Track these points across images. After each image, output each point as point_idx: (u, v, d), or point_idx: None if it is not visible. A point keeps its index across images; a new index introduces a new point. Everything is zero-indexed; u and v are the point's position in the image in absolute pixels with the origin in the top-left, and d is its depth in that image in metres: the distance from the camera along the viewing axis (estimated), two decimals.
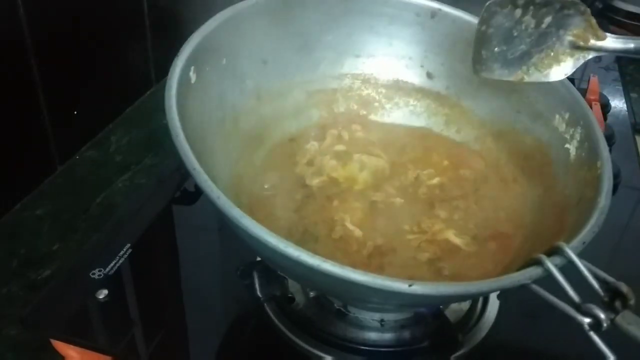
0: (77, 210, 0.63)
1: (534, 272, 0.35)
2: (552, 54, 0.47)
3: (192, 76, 0.45)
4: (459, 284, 0.34)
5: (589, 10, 0.45)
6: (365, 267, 0.43)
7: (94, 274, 0.49)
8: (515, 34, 0.47)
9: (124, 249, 0.52)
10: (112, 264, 0.50)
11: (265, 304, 0.48)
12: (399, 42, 0.56)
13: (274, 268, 0.44)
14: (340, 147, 0.52)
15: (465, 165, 0.50)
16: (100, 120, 0.74)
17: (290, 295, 0.49)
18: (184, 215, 0.60)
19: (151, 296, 0.50)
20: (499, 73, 0.48)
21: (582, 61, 0.46)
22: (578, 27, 0.46)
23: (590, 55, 0.46)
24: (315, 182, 0.49)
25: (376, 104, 0.57)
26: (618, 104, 0.87)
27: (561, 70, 0.47)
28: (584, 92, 0.80)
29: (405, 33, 0.55)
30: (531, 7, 0.46)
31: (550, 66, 0.47)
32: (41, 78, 0.62)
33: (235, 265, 0.50)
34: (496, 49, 0.48)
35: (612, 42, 0.45)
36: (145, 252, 0.52)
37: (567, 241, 0.38)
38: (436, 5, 0.53)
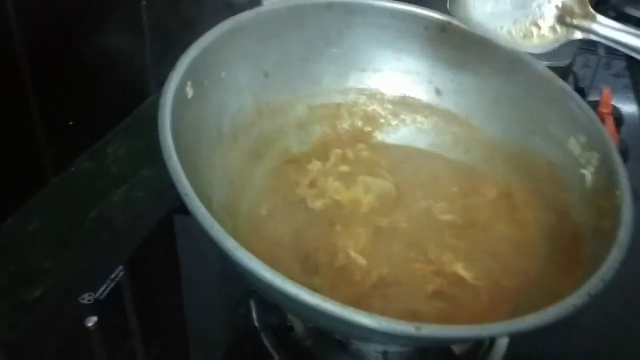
0: (70, 225, 0.61)
1: (550, 313, 0.33)
2: (534, 23, 0.44)
3: (189, 91, 0.43)
4: (470, 327, 0.32)
5: None
6: (369, 298, 0.40)
7: (83, 298, 0.47)
8: None
9: (116, 271, 0.49)
10: (103, 288, 0.48)
11: (262, 333, 0.46)
12: (406, 56, 0.53)
13: (272, 301, 0.42)
14: (344, 168, 0.49)
15: (476, 192, 0.48)
16: (97, 131, 0.72)
17: (288, 324, 0.47)
18: (184, 225, 0.57)
19: (143, 323, 0.48)
20: (475, 23, 0.45)
21: (563, 40, 0.43)
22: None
23: (575, 35, 0.42)
24: (317, 204, 0.47)
25: (382, 120, 0.54)
26: (628, 110, 0.84)
27: (540, 44, 0.44)
28: (595, 105, 0.78)
29: (413, 47, 0.53)
30: None
31: (529, 36, 0.44)
32: (34, 87, 0.60)
33: (234, 287, 0.48)
34: None
35: (602, 27, 0.41)
36: (138, 274, 0.50)
37: (583, 276, 0.36)
38: (446, 18, 0.51)
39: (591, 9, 0.42)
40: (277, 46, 0.49)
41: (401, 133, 0.54)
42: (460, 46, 0.51)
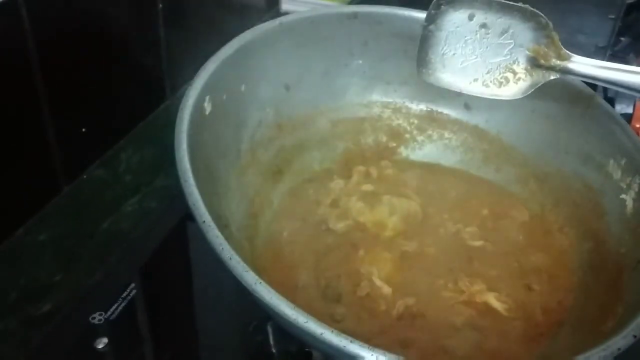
0: (81, 237, 0.59)
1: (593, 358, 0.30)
2: (508, 69, 0.42)
3: (207, 106, 0.41)
4: None
5: (551, 24, 0.40)
6: (395, 330, 0.38)
7: (94, 318, 0.45)
8: (469, 41, 0.42)
9: (128, 289, 0.47)
10: (114, 307, 0.46)
11: None
12: None
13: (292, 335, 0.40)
14: (368, 187, 0.47)
15: (507, 215, 0.46)
16: (111, 137, 0.70)
17: (306, 350, 0.45)
18: (198, 234, 0.56)
19: (155, 346, 0.46)
20: (447, 82, 0.43)
21: (541, 82, 0.41)
22: (539, 42, 0.40)
23: (552, 76, 0.41)
24: (339, 226, 0.44)
25: (407, 135, 0.52)
26: None
27: (517, 89, 0.42)
28: (629, 119, 0.75)
29: None
30: (487, 14, 0.40)
31: (505, 83, 0.42)
32: (47, 93, 0.58)
33: (251, 306, 0.46)
34: (445, 54, 0.42)
35: (578, 64, 0.40)
36: (150, 293, 0.48)
37: (626, 312, 0.33)
38: None
39: (564, 49, 0.40)
40: (299, 58, 0.48)
41: (427, 149, 0.52)
42: None
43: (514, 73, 0.41)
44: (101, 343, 0.43)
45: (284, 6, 0.82)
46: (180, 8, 0.75)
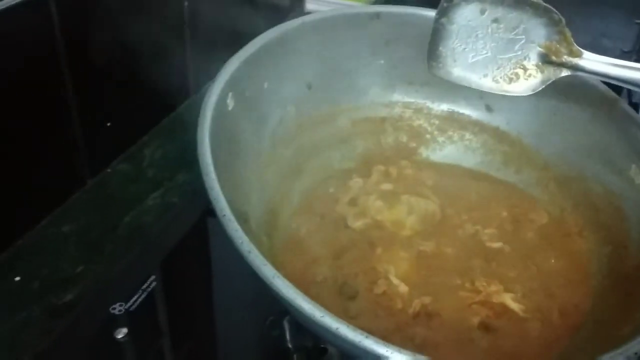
0: (104, 229, 0.60)
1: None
2: (519, 65, 0.41)
3: (230, 102, 0.41)
4: None
5: (563, 20, 0.40)
6: (410, 329, 0.38)
7: (114, 308, 0.46)
8: (480, 35, 0.41)
9: (148, 281, 0.48)
10: (134, 298, 0.47)
11: (295, 355, 0.44)
12: None
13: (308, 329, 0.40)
14: (387, 186, 0.47)
15: (526, 218, 0.46)
16: (135, 132, 0.71)
17: (322, 346, 0.45)
18: (219, 229, 0.56)
19: (173, 337, 0.46)
20: (457, 76, 0.43)
21: (552, 79, 0.41)
22: (550, 38, 0.40)
23: (563, 73, 0.40)
24: (357, 224, 0.45)
25: (428, 136, 0.52)
26: None
27: (527, 85, 0.41)
28: None
29: None
30: (499, 9, 0.40)
31: (515, 79, 0.42)
32: (74, 88, 0.59)
33: (269, 300, 0.46)
34: (456, 48, 0.42)
35: (589, 62, 0.39)
36: (170, 285, 0.49)
37: None
38: None
39: (576, 46, 0.40)
40: (322, 57, 0.48)
41: (447, 150, 0.52)
42: None
43: (525, 69, 0.41)
44: (121, 333, 0.44)
45: (308, 6, 0.82)
46: (206, 6, 0.76)
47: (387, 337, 0.29)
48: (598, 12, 0.83)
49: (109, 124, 0.65)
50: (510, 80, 0.42)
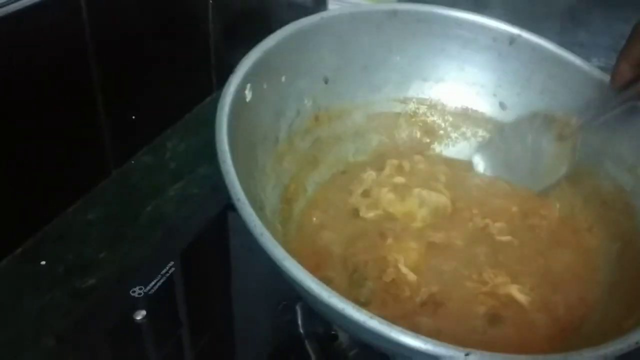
0: (127, 218, 0.62)
1: (611, 349, 0.31)
2: (546, 160, 0.47)
3: (248, 94, 0.42)
4: (523, 358, 0.30)
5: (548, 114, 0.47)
6: (417, 316, 0.39)
7: (134, 291, 0.48)
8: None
9: (167, 267, 0.50)
10: (153, 282, 0.49)
11: (306, 340, 0.45)
12: (471, 67, 0.52)
13: (318, 312, 0.41)
14: (399, 179, 0.48)
15: (536, 213, 0.46)
16: (158, 126, 0.73)
17: (333, 333, 0.46)
18: (238, 223, 0.58)
19: (191, 319, 0.48)
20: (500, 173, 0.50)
21: (577, 145, 0.46)
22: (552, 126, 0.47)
23: (579, 137, 0.46)
24: (369, 215, 0.46)
25: (441, 132, 0.53)
26: None
27: (560, 165, 0.48)
28: None
29: (479, 58, 0.51)
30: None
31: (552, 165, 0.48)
32: (101, 81, 0.61)
33: (283, 289, 0.48)
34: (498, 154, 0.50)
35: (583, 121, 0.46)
36: (188, 271, 0.51)
37: None
38: (516, 30, 0.49)
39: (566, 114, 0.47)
40: (339, 52, 0.49)
41: (460, 146, 0.53)
42: (528, 60, 0.49)
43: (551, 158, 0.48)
44: (140, 315, 0.46)
45: (331, 6, 0.83)
46: (230, 5, 0.78)
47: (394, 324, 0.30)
48: (621, 16, 0.83)
49: (133, 118, 0.68)
50: (549, 171, 0.48)
